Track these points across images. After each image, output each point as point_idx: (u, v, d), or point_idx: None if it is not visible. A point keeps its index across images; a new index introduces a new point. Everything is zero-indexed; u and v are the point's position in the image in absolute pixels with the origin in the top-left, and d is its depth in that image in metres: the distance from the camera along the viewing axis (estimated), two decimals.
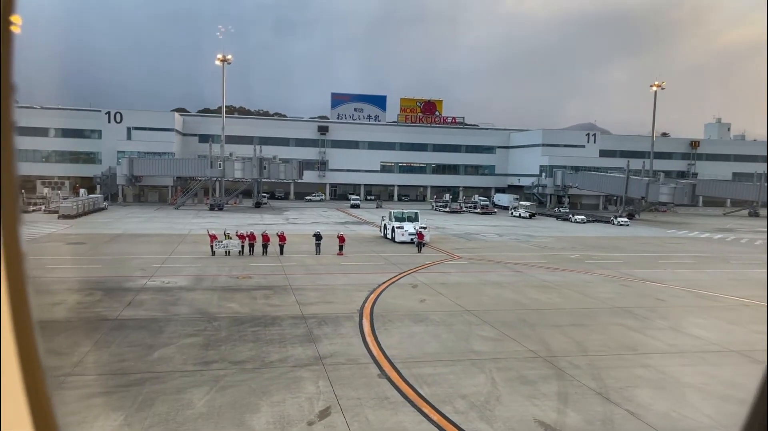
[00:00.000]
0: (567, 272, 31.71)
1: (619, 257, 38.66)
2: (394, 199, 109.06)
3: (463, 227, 58.36)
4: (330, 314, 20.55)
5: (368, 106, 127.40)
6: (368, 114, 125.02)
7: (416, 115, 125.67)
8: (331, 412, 12.09)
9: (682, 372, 15.48)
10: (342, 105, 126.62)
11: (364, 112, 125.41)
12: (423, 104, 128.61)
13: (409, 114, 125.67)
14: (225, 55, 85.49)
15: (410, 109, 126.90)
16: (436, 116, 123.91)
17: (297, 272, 29.42)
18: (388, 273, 29.71)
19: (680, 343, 18.29)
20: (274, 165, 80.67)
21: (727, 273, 32.98)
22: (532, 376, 14.75)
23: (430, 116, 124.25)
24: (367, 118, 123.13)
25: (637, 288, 27.59)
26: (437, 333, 18.52)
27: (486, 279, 28.66)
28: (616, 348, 17.62)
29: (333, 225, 57.15)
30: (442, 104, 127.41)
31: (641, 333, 19.34)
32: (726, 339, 18.82)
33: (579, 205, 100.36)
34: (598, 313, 22.08)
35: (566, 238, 50.36)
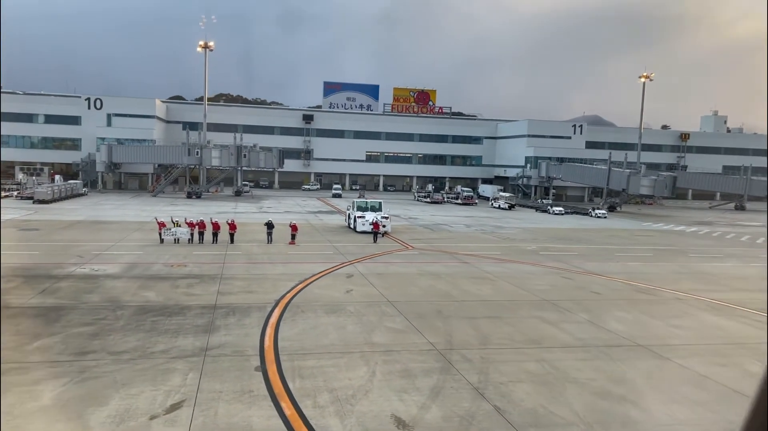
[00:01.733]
0: (515, 263, 31.32)
1: (577, 249, 38.26)
2: (379, 188, 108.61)
3: (435, 218, 57.95)
4: (244, 304, 20.20)
5: (361, 95, 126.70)
6: (360, 103, 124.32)
7: (409, 105, 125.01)
8: (182, 406, 11.75)
9: (574, 366, 15.11)
10: (334, 94, 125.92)
11: (357, 101, 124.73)
12: (416, 94, 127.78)
13: (402, 104, 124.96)
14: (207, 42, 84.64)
15: (403, 99, 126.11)
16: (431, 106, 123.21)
17: (237, 261, 29.05)
18: (330, 263, 29.34)
19: (590, 337, 17.91)
20: (254, 153, 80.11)
21: (680, 266, 32.57)
22: (416, 370, 14.39)
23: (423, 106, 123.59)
24: (359, 107, 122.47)
25: (578, 280, 27.20)
26: (343, 325, 18.16)
27: (426, 270, 28.27)
28: (521, 341, 17.25)
29: (304, 215, 56.88)
30: (436, 94, 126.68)
31: (555, 327, 18.96)
32: (639, 334, 18.44)
33: (564, 196, 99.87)
34: (522, 306, 21.71)
35: (535, 230, 49.94)
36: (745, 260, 36.09)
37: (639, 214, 74.79)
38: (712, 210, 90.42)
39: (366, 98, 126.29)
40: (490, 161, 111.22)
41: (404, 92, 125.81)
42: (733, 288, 26.79)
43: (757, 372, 15.29)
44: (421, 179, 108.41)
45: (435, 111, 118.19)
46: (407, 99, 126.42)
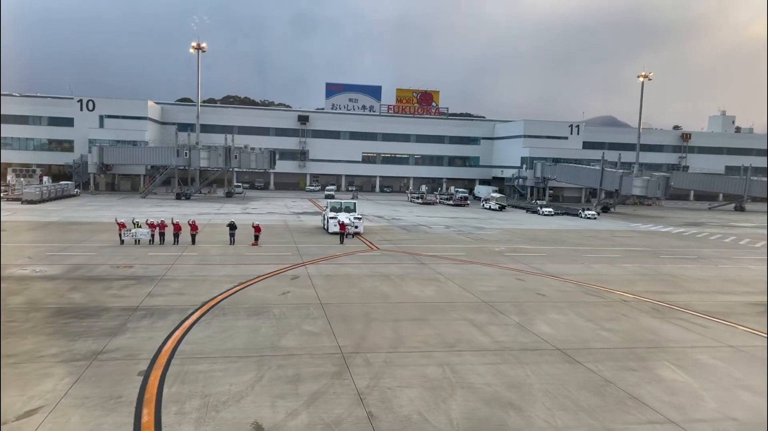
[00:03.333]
0: (473, 265, 30.78)
1: (547, 250, 37.61)
2: (376, 190, 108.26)
3: (419, 219, 57.51)
4: (167, 306, 19.90)
5: (363, 96, 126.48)
6: (363, 104, 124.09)
7: (413, 106, 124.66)
8: (37, 412, 11.43)
9: (476, 371, 14.63)
10: (336, 95, 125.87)
11: (359, 103, 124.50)
12: (420, 95, 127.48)
13: (405, 104, 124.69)
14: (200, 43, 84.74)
15: (407, 100, 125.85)
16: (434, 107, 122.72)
17: (188, 262, 28.79)
18: (284, 264, 29.00)
19: (509, 340, 17.40)
20: (245, 154, 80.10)
21: (645, 268, 31.84)
22: (308, 374, 13.98)
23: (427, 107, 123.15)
24: (361, 108, 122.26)
25: (529, 282, 26.61)
26: (258, 328, 17.79)
27: (378, 272, 27.84)
28: (435, 344, 16.78)
29: (286, 216, 56.68)
30: (439, 95, 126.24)
31: (479, 329, 18.46)
32: (563, 337, 17.90)
33: (561, 197, 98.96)
34: (458, 308, 21.21)
35: (515, 231, 49.30)
36: (715, 261, 35.26)
37: (632, 214, 73.75)
38: (712, 211, 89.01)
39: (368, 99, 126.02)
40: (488, 162, 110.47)
41: (407, 93, 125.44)
42: (688, 290, 26.09)
43: (667, 377, 14.72)
44: (419, 180, 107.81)
45: (439, 112, 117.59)
46: (410, 100, 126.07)
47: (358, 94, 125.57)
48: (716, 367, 15.66)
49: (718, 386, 14.26)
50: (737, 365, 15.89)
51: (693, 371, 15.28)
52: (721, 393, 13.79)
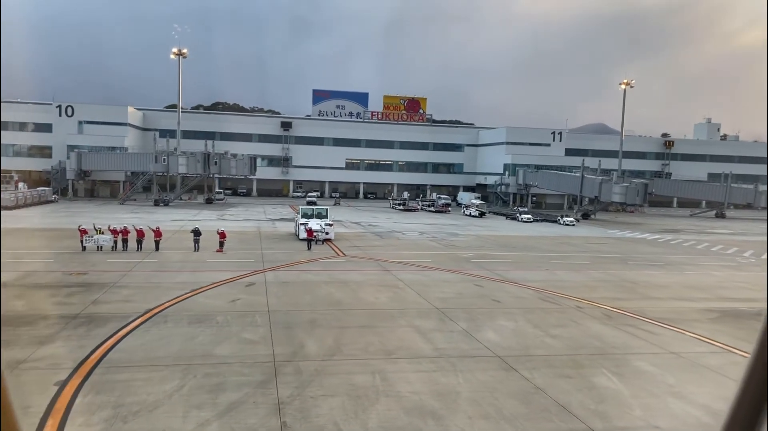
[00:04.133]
0: (437, 271, 30.60)
1: (515, 257, 37.50)
2: (359, 196, 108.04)
3: (397, 225, 57.33)
4: (109, 314, 19.54)
5: (350, 102, 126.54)
6: (350, 111, 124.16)
7: (400, 113, 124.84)
8: None
9: (407, 379, 14.40)
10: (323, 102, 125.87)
11: (346, 109, 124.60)
12: (407, 102, 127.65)
13: (392, 111, 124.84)
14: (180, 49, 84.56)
15: (394, 107, 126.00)
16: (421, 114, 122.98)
17: (146, 269, 28.42)
18: (244, 270, 28.67)
19: (450, 347, 17.19)
20: (225, 160, 79.72)
21: (608, 274, 31.76)
22: (232, 384, 13.70)
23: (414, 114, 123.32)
24: (348, 114, 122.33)
25: (488, 288, 26.45)
26: (196, 335, 17.49)
27: (338, 278, 27.59)
28: (373, 352, 16.55)
29: (261, 222, 56.40)
30: (426, 102, 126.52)
31: (423, 336, 18.24)
32: (506, 344, 17.71)
33: (544, 204, 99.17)
34: (408, 314, 20.99)
35: (489, 237, 49.19)
36: (681, 268, 35.27)
37: (612, 221, 73.93)
38: (693, 218, 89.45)
39: (355, 106, 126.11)
40: (472, 169, 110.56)
41: (395, 100, 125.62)
42: (646, 297, 26.02)
43: (601, 384, 14.55)
44: (403, 187, 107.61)
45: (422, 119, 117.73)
46: (398, 107, 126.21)
47: (345, 101, 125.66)
48: (653, 374, 15.51)
49: (649, 393, 14.10)
50: (674, 372, 15.75)
51: (628, 378, 15.12)
52: (651, 401, 13.62)
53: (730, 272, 34.26)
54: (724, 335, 19.65)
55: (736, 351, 17.82)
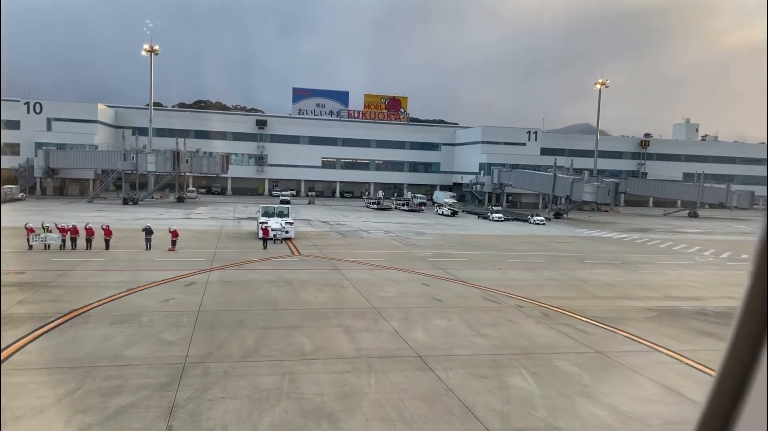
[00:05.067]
0: (388, 270, 30.32)
1: (472, 256, 37.33)
2: (336, 195, 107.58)
3: (365, 224, 57.01)
4: (28, 314, 19.02)
5: (330, 101, 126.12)
6: (330, 109, 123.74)
7: (381, 112, 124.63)
8: None
9: (317, 380, 14.08)
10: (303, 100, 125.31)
11: (326, 108, 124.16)
12: (388, 101, 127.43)
13: (373, 110, 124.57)
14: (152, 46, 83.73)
15: (375, 105, 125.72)
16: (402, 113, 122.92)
17: (88, 268, 27.85)
18: (190, 269, 28.18)
19: (374, 347, 16.90)
20: (196, 158, 78.90)
21: (560, 273, 31.66)
22: (132, 386, 13.29)
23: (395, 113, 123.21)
24: (329, 113, 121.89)
25: (434, 287, 26.21)
26: (112, 336, 17.03)
27: (284, 277, 27.20)
28: (292, 353, 16.21)
29: (226, 221, 55.90)
30: (407, 101, 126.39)
31: (350, 336, 17.94)
32: (433, 344, 17.46)
33: (519, 203, 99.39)
34: (342, 314, 20.66)
35: (454, 236, 49.02)
36: (637, 267, 35.30)
37: (583, 220, 74.19)
38: (666, 217, 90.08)
39: (336, 104, 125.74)
40: (449, 168, 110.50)
41: (375, 99, 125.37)
42: (591, 296, 25.94)
43: (514, 385, 14.34)
44: (380, 186, 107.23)
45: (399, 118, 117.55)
46: (378, 106, 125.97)
47: (326, 100, 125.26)
48: (570, 374, 15.34)
49: (560, 394, 13.91)
50: (593, 371, 15.59)
51: (545, 378, 14.92)
52: (559, 401, 13.43)
53: (683, 271, 34.36)
54: (655, 334, 19.56)
55: (663, 350, 17.72)
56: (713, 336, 19.63)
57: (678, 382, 14.94)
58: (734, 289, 28.74)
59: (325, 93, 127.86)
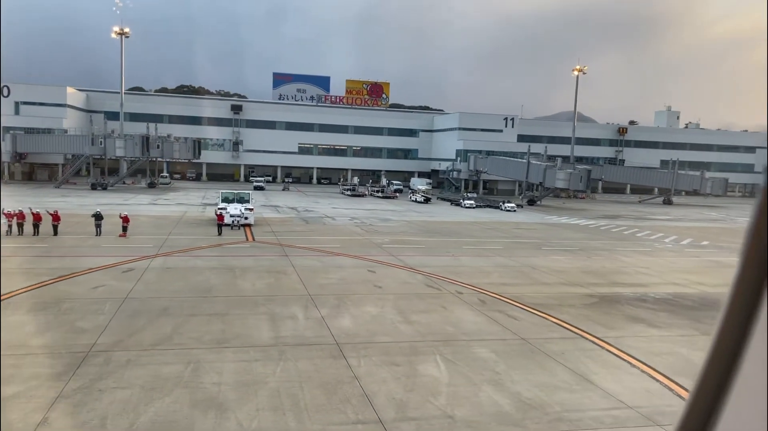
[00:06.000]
0: (337, 257, 29.99)
1: (430, 242, 37.10)
2: (313, 181, 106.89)
3: (334, 211, 56.57)
4: None
5: (311, 86, 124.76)
6: (311, 95, 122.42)
7: (362, 97, 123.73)
8: None
9: (222, 369, 13.77)
10: (284, 85, 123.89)
11: (307, 93, 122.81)
12: (370, 86, 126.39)
13: (355, 96, 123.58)
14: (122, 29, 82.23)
15: (356, 91, 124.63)
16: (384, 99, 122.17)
17: (27, 254, 27.26)
18: (132, 256, 27.64)
19: (295, 335, 16.61)
20: (167, 143, 77.80)
21: (511, 260, 31.49)
22: (24, 376, 12.90)
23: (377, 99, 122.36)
24: (310, 98, 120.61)
25: (379, 274, 25.93)
26: (24, 324, 16.62)
27: (229, 264, 26.80)
28: (207, 341, 15.87)
29: (191, 206, 55.17)
30: (389, 87, 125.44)
31: (273, 324, 17.62)
32: (356, 331, 17.19)
33: (496, 190, 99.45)
34: (274, 301, 20.33)
35: (419, 223, 48.75)
36: (592, 253, 35.25)
37: (556, 207, 74.27)
38: (641, 204, 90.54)
39: (317, 90, 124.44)
40: (427, 154, 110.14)
41: (357, 84, 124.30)
42: (536, 282, 25.80)
43: (425, 372, 14.10)
44: (358, 172, 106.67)
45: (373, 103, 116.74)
46: (360, 91, 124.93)
47: (307, 85, 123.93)
48: (486, 361, 15.14)
49: (468, 381, 13.70)
50: (510, 358, 15.41)
51: (458, 366, 14.71)
52: (464, 389, 13.22)
53: (639, 257, 34.37)
54: (586, 320, 19.44)
55: (588, 337, 17.60)
56: (644, 322, 19.56)
57: (592, 369, 14.80)
58: (683, 275, 28.79)
59: (306, 78, 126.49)
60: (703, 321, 20.02)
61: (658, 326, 19.08)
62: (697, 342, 17.51)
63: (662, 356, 15.98)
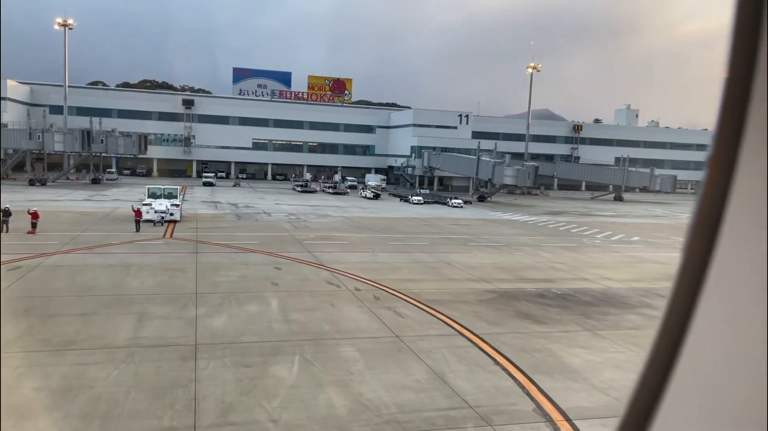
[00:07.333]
0: (251, 254, 29.21)
1: (353, 239, 36.53)
2: (268, 177, 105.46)
3: (276, 207, 55.67)
4: None
5: (272, 82, 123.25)
6: (272, 90, 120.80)
7: (324, 94, 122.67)
8: None
9: (51, 373, 12.92)
10: (244, 80, 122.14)
11: (268, 88, 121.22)
12: (332, 82, 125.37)
13: (317, 92, 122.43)
14: (66, 20, 79.78)
15: (318, 87, 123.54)
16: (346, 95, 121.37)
17: None
18: (30, 253, 26.37)
19: (155, 336, 15.84)
20: (111, 138, 75.76)
21: (430, 256, 31.09)
22: None
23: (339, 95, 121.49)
24: (270, 94, 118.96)
25: (284, 271, 25.26)
26: None
27: (128, 262, 25.79)
28: (54, 343, 14.97)
29: (128, 202, 53.45)
30: (352, 83, 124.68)
31: (140, 324, 16.81)
32: (225, 331, 16.49)
33: (450, 186, 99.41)
34: (153, 300, 19.48)
35: (356, 219, 48.16)
36: (515, 249, 35.11)
37: (504, 203, 74.50)
38: (593, 200, 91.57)
39: (278, 85, 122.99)
40: (384, 151, 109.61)
41: (320, 80, 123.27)
42: (443, 278, 25.44)
43: (275, 374, 13.47)
44: (313, 168, 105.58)
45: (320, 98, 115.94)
46: (322, 87, 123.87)
47: (267, 80, 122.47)
48: (345, 361, 14.60)
49: (315, 383, 13.13)
50: (372, 358, 14.89)
51: (314, 366, 14.13)
52: (306, 391, 12.64)
53: (561, 253, 34.36)
54: (474, 317, 19.08)
55: (467, 334, 17.22)
56: (530, 318, 19.29)
57: (452, 368, 14.38)
58: (595, 271, 28.81)
59: (266, 73, 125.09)
60: (592, 316, 19.85)
61: (543, 322, 18.82)
62: (575, 338, 17.29)
63: (531, 353, 15.67)
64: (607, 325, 18.90)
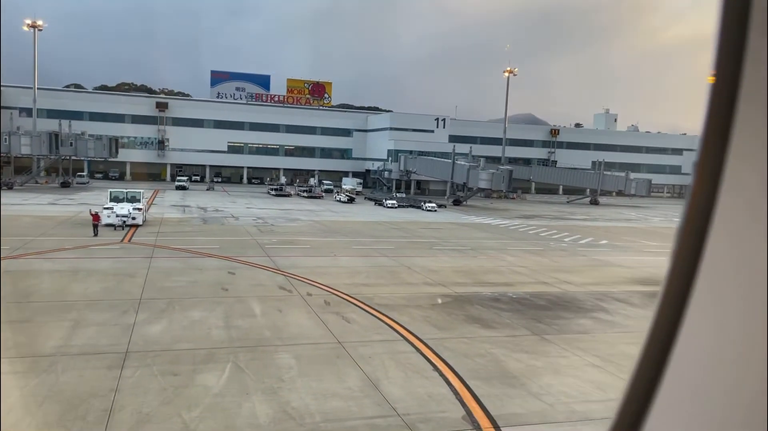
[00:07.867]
0: (207, 258, 28.63)
1: (318, 243, 36.12)
2: (244, 181, 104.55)
3: (247, 211, 55.02)
4: None
5: (251, 85, 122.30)
6: (250, 93, 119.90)
7: (304, 97, 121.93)
8: None
9: None
10: (222, 83, 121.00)
11: (246, 91, 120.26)
12: (311, 86, 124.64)
13: (296, 95, 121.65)
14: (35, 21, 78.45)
15: (298, 90, 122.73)
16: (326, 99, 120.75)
17: None
18: None
19: (87, 344, 15.28)
20: (81, 141, 74.53)
21: (392, 260, 30.77)
22: None
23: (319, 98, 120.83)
24: (249, 97, 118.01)
25: (238, 276, 24.76)
26: None
27: (78, 267, 25.14)
28: None
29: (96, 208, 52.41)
30: (332, 86, 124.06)
31: (73, 331, 16.25)
32: (159, 338, 15.97)
33: (427, 190, 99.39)
34: (97, 307, 18.90)
35: (324, 223, 47.70)
36: (481, 252, 34.95)
37: (479, 207, 74.55)
38: (569, 204, 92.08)
39: (256, 88, 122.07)
40: (361, 154, 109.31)
41: (299, 83, 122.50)
42: (401, 282, 25.12)
43: (203, 383, 13.01)
44: (290, 172, 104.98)
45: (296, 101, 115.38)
46: (302, 90, 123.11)
47: (246, 83, 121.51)
48: (279, 368, 14.18)
49: (242, 391, 12.70)
50: (308, 365, 14.50)
51: (245, 374, 13.70)
52: (231, 400, 12.20)
53: (523, 256, 34.23)
54: (423, 322, 18.77)
55: (412, 339, 16.90)
56: (480, 323, 19.03)
57: (389, 374, 14.04)
58: (556, 274, 28.69)
59: (245, 76, 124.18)
60: (543, 321, 19.64)
61: (492, 327, 18.57)
62: (521, 343, 17.05)
63: (473, 358, 15.38)
64: (556, 329, 18.70)
